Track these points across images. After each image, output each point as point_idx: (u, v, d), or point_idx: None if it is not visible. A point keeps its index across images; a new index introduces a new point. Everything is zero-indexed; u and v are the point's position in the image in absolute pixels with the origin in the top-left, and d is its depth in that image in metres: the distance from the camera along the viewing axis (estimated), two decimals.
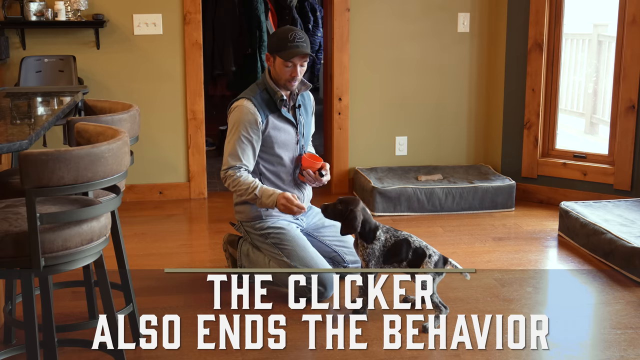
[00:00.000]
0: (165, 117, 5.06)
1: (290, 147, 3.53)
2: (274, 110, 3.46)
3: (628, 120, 4.66)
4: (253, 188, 3.37)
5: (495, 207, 4.88)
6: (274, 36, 3.47)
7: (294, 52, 3.36)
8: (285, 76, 3.41)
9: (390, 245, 3.21)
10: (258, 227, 3.50)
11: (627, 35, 4.60)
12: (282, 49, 3.37)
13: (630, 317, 3.25)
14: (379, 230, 3.23)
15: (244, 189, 3.38)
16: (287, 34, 3.39)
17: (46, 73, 4.75)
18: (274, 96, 3.45)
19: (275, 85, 3.46)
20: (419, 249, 3.14)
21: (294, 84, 3.45)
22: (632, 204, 4.39)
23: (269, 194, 3.36)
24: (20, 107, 3.22)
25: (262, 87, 3.49)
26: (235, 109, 3.47)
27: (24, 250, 2.26)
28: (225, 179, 3.43)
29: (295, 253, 3.41)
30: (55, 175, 2.19)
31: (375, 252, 3.23)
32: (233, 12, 6.18)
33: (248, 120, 3.39)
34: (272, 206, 3.37)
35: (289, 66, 3.38)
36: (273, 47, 3.41)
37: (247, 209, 3.51)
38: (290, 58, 3.36)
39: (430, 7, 5.21)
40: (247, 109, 3.40)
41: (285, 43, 3.36)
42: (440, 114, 5.37)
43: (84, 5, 4.75)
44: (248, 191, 3.38)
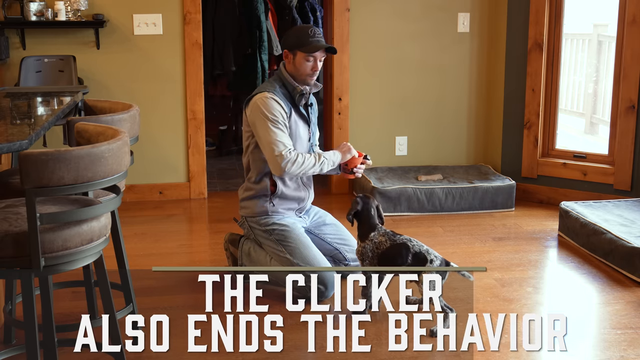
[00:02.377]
0: (165, 117, 5.06)
1: (304, 143, 3.57)
2: (293, 105, 3.52)
3: (628, 120, 4.66)
4: (319, 155, 3.48)
5: (495, 207, 4.88)
6: (291, 33, 3.53)
7: (318, 45, 3.44)
8: (306, 71, 3.47)
9: (386, 248, 3.18)
10: (263, 223, 3.51)
11: (627, 35, 4.60)
12: (303, 44, 3.43)
13: (630, 317, 3.25)
14: (374, 232, 3.22)
15: (314, 161, 3.45)
16: (307, 30, 3.47)
17: (46, 73, 4.75)
18: (293, 91, 3.50)
19: (293, 81, 3.49)
20: (420, 254, 3.11)
21: (314, 78, 3.52)
22: (632, 204, 4.39)
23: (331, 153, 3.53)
24: (20, 107, 3.22)
25: (279, 83, 3.52)
26: (260, 100, 3.44)
27: (24, 250, 2.26)
28: (288, 161, 3.37)
29: (299, 251, 3.42)
30: (55, 175, 2.19)
31: (367, 252, 3.23)
32: (233, 12, 6.18)
33: (279, 108, 3.43)
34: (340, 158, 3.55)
35: (310, 60, 3.45)
36: (293, 43, 3.46)
37: (253, 204, 3.53)
38: (314, 51, 3.43)
39: (430, 7, 5.21)
40: (275, 99, 3.43)
41: (306, 38, 3.44)
42: (440, 114, 5.37)
43: (84, 5, 4.75)
44: (317, 159, 3.45)
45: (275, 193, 3.51)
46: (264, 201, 3.51)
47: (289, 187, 3.54)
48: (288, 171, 3.38)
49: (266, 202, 3.51)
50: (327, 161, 3.48)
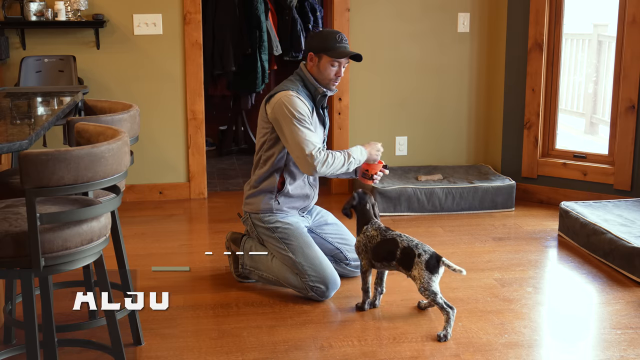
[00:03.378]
0: (165, 117, 5.06)
1: None
2: (314, 105, 3.52)
3: (628, 120, 4.66)
4: (347, 154, 3.45)
5: (495, 207, 4.88)
6: (319, 36, 3.53)
7: (345, 51, 3.45)
8: (330, 75, 3.47)
9: (377, 243, 3.22)
10: (266, 220, 3.52)
11: (627, 35, 4.60)
12: (331, 49, 3.43)
13: (630, 317, 3.25)
14: (367, 225, 3.28)
15: (343, 160, 3.43)
16: (335, 35, 3.48)
17: (46, 73, 4.76)
18: (315, 92, 3.49)
19: (316, 82, 3.50)
20: (408, 249, 3.11)
21: (337, 83, 3.52)
22: (632, 204, 4.39)
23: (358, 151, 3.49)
24: (20, 107, 3.22)
25: (301, 83, 3.51)
26: (285, 98, 3.41)
27: (24, 250, 2.26)
28: (319, 162, 3.35)
29: (301, 250, 3.43)
30: (55, 175, 2.19)
31: (361, 245, 3.30)
32: (233, 12, 6.18)
33: (304, 107, 3.42)
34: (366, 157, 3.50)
35: (335, 66, 3.45)
36: (320, 46, 3.45)
37: (258, 201, 3.53)
38: (341, 57, 3.44)
39: (430, 7, 5.21)
40: (300, 98, 3.43)
41: (334, 43, 3.44)
42: (440, 114, 5.37)
43: (84, 5, 4.75)
44: (346, 159, 3.43)
45: (282, 191, 3.51)
46: (269, 198, 3.52)
47: (296, 185, 3.55)
48: (319, 171, 3.38)
49: (272, 199, 3.52)
50: (354, 161, 3.47)
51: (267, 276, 3.53)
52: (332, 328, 3.15)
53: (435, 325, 3.15)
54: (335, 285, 3.42)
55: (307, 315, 3.28)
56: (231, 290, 3.56)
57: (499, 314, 3.28)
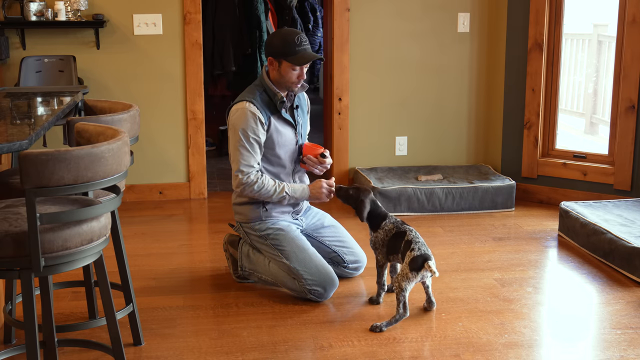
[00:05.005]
0: (165, 117, 5.06)
1: (290, 148, 3.52)
2: (274, 111, 3.46)
3: (628, 120, 4.66)
4: (281, 188, 3.42)
5: (495, 207, 4.88)
6: (277, 39, 3.41)
7: (305, 57, 3.36)
8: (292, 79, 3.41)
9: (392, 235, 3.28)
10: (257, 229, 3.49)
11: (627, 35, 4.60)
12: (290, 54, 3.35)
13: (630, 317, 3.25)
14: (386, 220, 3.33)
15: (272, 192, 3.41)
16: (293, 37, 3.37)
17: (46, 73, 4.76)
18: (274, 98, 3.44)
19: (275, 87, 3.46)
20: (408, 242, 3.18)
21: (299, 86, 3.46)
22: (632, 204, 4.39)
23: (300, 189, 3.47)
24: (20, 107, 3.22)
25: (260, 89, 3.47)
26: (237, 111, 3.42)
27: (24, 250, 2.26)
28: (245, 185, 3.37)
29: (295, 254, 3.40)
30: (55, 175, 2.19)
31: (379, 240, 3.33)
32: (233, 12, 6.18)
33: (254, 122, 3.38)
34: (306, 198, 3.49)
35: (296, 69, 3.38)
36: (279, 51, 3.37)
37: (247, 210, 3.51)
38: (302, 63, 3.36)
39: (430, 7, 5.21)
40: (251, 110, 3.38)
41: (293, 47, 3.35)
42: (440, 114, 5.37)
43: (84, 5, 4.75)
44: (277, 192, 3.41)
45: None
46: (256, 207, 3.48)
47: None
48: (242, 192, 3.42)
49: (259, 207, 3.48)
50: (287, 197, 3.44)
51: (265, 278, 3.52)
52: (332, 328, 3.15)
53: (436, 325, 3.15)
54: (333, 285, 3.41)
55: (307, 315, 3.27)
56: (231, 291, 3.56)
57: (499, 314, 3.28)
